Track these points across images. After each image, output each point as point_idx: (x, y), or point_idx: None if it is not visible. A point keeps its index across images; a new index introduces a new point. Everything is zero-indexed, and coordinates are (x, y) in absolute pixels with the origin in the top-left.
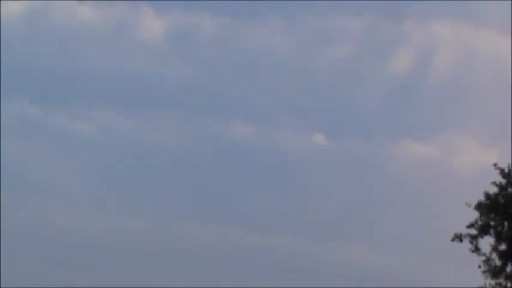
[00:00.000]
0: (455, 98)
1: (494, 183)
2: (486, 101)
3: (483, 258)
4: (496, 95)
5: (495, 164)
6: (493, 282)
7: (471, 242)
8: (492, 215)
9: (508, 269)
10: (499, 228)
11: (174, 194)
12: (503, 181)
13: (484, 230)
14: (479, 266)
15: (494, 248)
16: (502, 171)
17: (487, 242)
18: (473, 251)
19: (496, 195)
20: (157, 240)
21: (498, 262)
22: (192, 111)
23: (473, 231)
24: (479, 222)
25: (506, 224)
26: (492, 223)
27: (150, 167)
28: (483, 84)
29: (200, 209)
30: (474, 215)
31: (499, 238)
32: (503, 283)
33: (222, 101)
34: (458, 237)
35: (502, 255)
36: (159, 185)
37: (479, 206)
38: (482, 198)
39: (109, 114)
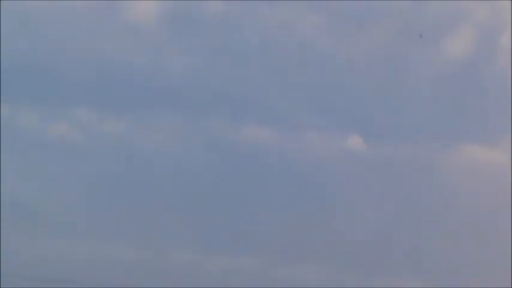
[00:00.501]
0: None
1: None
2: None
3: None
4: None
5: None
6: None
7: None
8: None
9: None
10: None
11: (170, 217)
12: None
13: None
14: None
15: None
16: None
17: None
18: None
19: None
20: (153, 272)
21: None
22: (194, 109)
23: None
24: None
25: None
26: None
27: (143, 179)
28: None
29: (203, 237)
30: None
31: None
32: None
33: (231, 97)
34: None
35: None
36: (154, 205)
37: None
38: None
39: (92, 114)
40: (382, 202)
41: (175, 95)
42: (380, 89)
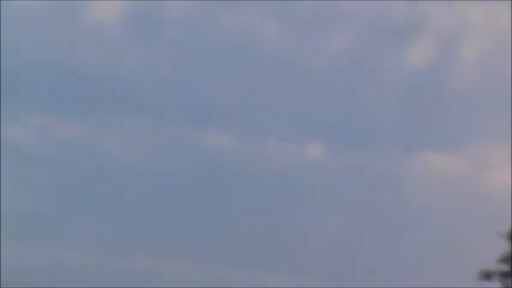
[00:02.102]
0: (487, 98)
1: None
2: None
3: None
4: None
5: None
6: None
7: (502, 281)
8: None
9: None
10: None
11: (131, 221)
12: None
13: None
14: None
15: None
16: None
17: None
18: None
19: None
20: (111, 278)
21: None
22: (157, 115)
23: (505, 268)
24: None
25: None
26: None
27: (104, 185)
28: None
29: (164, 241)
30: (507, 247)
31: None
32: None
33: (194, 102)
34: (486, 275)
35: None
36: (114, 210)
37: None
38: None
39: (51, 118)
40: (343, 209)
41: (137, 99)
42: (341, 96)
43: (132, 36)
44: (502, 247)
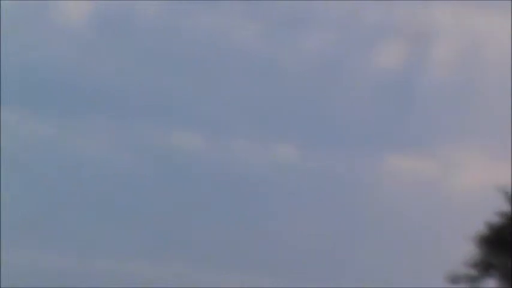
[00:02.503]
0: (458, 98)
1: (498, 213)
2: (499, 103)
3: None
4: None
5: (501, 187)
6: None
7: (469, 286)
8: (496, 252)
9: None
10: (505, 269)
11: (99, 222)
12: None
13: (485, 271)
14: None
15: None
16: (507, 195)
17: (489, 285)
18: None
19: (502, 226)
20: (79, 281)
21: None
22: (123, 114)
23: (473, 272)
24: (480, 260)
25: None
26: (496, 262)
27: (69, 185)
28: (493, 82)
29: (132, 242)
30: (474, 250)
31: (504, 281)
32: None
33: (162, 102)
34: (453, 279)
35: None
36: (80, 211)
37: (480, 240)
38: (484, 229)
39: (15, 116)
40: (313, 211)
41: (106, 98)
42: (313, 97)
43: (102, 35)
44: (471, 250)
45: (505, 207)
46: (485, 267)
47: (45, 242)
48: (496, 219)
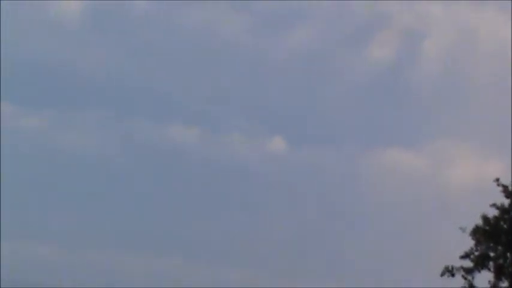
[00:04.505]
0: (449, 94)
1: (494, 205)
2: (490, 98)
3: None
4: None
5: (497, 180)
6: None
7: (465, 278)
8: (492, 244)
9: None
10: (500, 261)
11: (89, 215)
12: (507, 201)
13: (481, 263)
14: None
15: (494, 286)
16: (505, 188)
17: (484, 278)
18: None
19: (497, 219)
20: (72, 271)
21: None
22: (118, 108)
23: (468, 264)
24: (476, 253)
25: (509, 255)
26: (492, 254)
27: (62, 179)
28: (485, 77)
29: (124, 236)
30: (469, 243)
31: (499, 273)
32: None
33: (156, 97)
34: (450, 271)
35: None
36: (71, 203)
37: (475, 232)
38: (479, 222)
39: (11, 109)
40: (304, 204)
41: (98, 93)
42: (304, 91)
43: (94, 30)
44: (464, 243)
45: (500, 200)
46: (481, 259)
47: (41, 236)
48: (491, 212)
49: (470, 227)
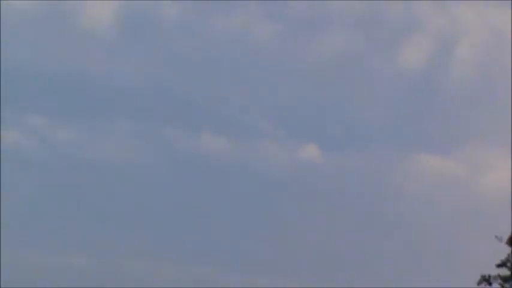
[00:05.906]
0: (482, 99)
1: None
2: None
3: None
4: None
5: None
6: None
7: (502, 286)
8: None
9: None
10: None
11: (124, 226)
12: None
13: None
14: None
15: None
16: None
17: None
18: None
19: None
20: (104, 280)
21: None
22: (150, 119)
23: (505, 272)
24: None
25: None
26: None
27: (95, 192)
28: None
29: (158, 247)
30: (506, 251)
31: None
32: None
33: (188, 106)
34: (487, 280)
35: None
36: (105, 215)
37: None
38: None
39: (44, 122)
40: (338, 211)
41: (131, 102)
42: (336, 97)
43: (124, 39)
44: (501, 251)
45: None
46: None
47: (67, 242)
48: None
49: (506, 235)
